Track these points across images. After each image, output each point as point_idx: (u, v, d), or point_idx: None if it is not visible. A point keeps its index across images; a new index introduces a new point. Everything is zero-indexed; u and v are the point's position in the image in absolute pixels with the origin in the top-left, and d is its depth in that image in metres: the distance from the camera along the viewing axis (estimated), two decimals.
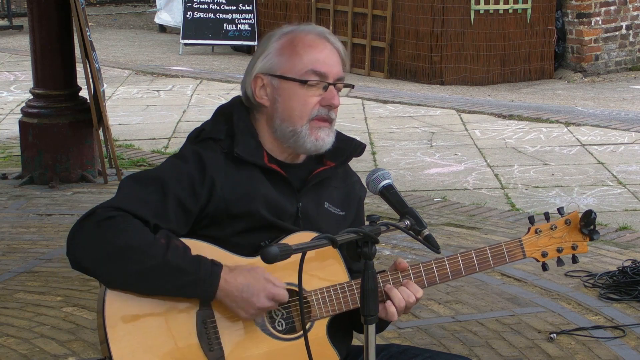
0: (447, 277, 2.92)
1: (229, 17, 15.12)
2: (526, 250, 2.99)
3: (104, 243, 2.68)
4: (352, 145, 3.01)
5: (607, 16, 13.53)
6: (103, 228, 2.69)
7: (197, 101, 11.43)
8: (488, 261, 2.94)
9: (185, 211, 2.77)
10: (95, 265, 2.71)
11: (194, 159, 2.82)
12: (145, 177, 2.82)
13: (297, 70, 2.85)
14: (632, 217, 7.03)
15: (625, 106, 11.38)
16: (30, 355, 4.73)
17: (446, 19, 12.88)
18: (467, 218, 6.97)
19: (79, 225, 2.73)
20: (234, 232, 2.81)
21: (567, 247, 3.02)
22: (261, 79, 2.89)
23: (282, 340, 2.81)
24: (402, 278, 2.87)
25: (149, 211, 2.73)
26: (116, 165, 8.00)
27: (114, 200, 2.76)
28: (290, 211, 2.88)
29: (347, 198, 3.02)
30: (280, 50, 2.88)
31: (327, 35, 2.91)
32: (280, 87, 2.87)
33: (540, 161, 8.64)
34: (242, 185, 2.82)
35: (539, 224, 3.01)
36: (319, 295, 2.83)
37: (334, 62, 2.88)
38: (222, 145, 2.86)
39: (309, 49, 2.86)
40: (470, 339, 4.91)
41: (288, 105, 2.86)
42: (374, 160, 8.73)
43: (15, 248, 6.32)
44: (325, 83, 2.86)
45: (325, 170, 2.95)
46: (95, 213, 2.73)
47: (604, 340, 4.88)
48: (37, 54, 7.80)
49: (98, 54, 8.60)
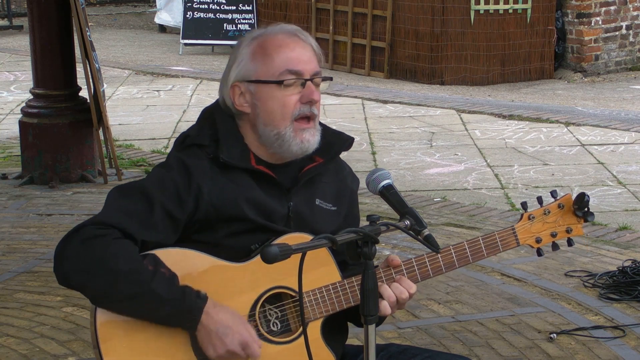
0: (440, 271, 2.91)
1: (229, 17, 15.13)
2: (519, 237, 2.98)
3: (91, 263, 2.67)
4: (341, 140, 2.99)
5: (607, 16, 13.53)
6: (91, 248, 2.67)
7: (197, 101, 11.42)
8: (481, 251, 2.93)
9: (172, 220, 2.76)
10: (82, 284, 2.69)
11: (179, 167, 2.81)
12: (131, 189, 2.81)
13: (271, 73, 2.84)
14: (632, 217, 7.04)
15: (625, 106, 11.38)
16: (30, 355, 4.73)
17: (446, 19, 12.88)
18: (467, 218, 6.97)
19: (67, 242, 2.71)
20: (225, 235, 2.80)
21: (562, 231, 3.00)
22: (238, 87, 2.89)
23: (277, 344, 2.80)
24: (395, 274, 2.87)
25: (136, 224, 2.72)
26: (116, 165, 8.01)
27: (101, 215, 2.75)
28: (280, 212, 2.87)
29: (338, 192, 3.01)
30: (252, 55, 2.87)
31: (297, 32, 2.90)
32: (257, 92, 2.86)
33: (540, 161, 8.64)
34: (229, 190, 2.81)
35: (532, 210, 2.99)
36: (312, 296, 2.82)
37: (307, 58, 2.87)
38: (207, 151, 2.85)
39: (280, 49, 2.85)
40: (470, 339, 4.91)
41: (268, 108, 2.85)
42: (374, 160, 8.73)
43: (15, 248, 6.32)
44: (302, 80, 2.85)
45: (315, 167, 2.94)
46: (83, 230, 2.71)
47: (604, 340, 4.88)
48: (37, 54, 7.80)
49: (98, 54, 8.60)
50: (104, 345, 2.68)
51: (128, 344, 2.70)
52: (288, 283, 2.80)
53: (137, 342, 2.71)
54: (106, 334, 2.69)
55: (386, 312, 2.81)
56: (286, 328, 2.83)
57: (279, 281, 2.80)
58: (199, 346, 2.73)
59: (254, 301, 2.79)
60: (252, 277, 2.79)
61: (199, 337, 2.71)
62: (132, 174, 8.12)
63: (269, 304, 2.82)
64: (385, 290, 2.81)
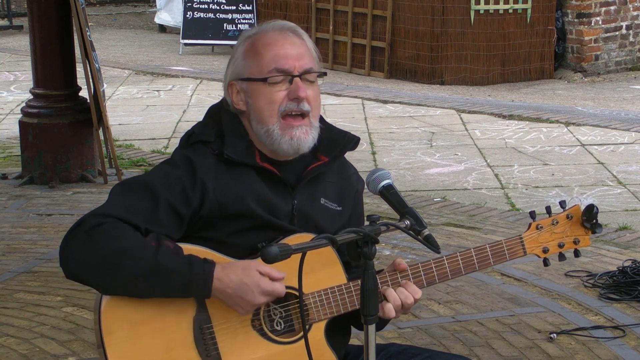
0: (446, 277, 2.90)
1: (229, 17, 15.12)
2: (527, 247, 2.96)
3: (95, 250, 2.67)
4: (346, 139, 2.99)
5: (607, 16, 13.53)
6: (93, 236, 2.68)
7: (197, 101, 11.42)
8: (488, 259, 2.92)
9: (177, 216, 2.76)
10: (89, 273, 2.69)
11: (184, 163, 2.82)
12: (134, 184, 2.81)
13: (260, 71, 2.85)
14: (632, 217, 7.03)
15: (625, 106, 11.38)
16: (30, 355, 4.73)
17: (446, 19, 12.88)
18: (467, 218, 6.97)
19: (70, 235, 2.72)
20: (230, 232, 2.81)
21: (569, 242, 2.98)
22: (234, 86, 2.91)
23: (280, 344, 2.80)
24: (401, 279, 2.87)
25: (140, 217, 2.73)
26: (116, 165, 8.01)
27: (102, 207, 2.75)
28: (285, 209, 2.87)
29: (343, 192, 3.01)
30: (244, 53, 2.89)
31: (290, 29, 2.91)
32: (249, 90, 2.88)
33: (540, 161, 8.64)
34: (234, 186, 2.81)
35: (540, 220, 2.97)
36: (317, 298, 2.82)
37: (296, 55, 2.86)
38: (212, 147, 2.85)
39: (269, 46, 2.86)
40: (470, 339, 4.91)
41: (257, 105, 2.86)
42: (374, 160, 8.73)
43: (15, 248, 6.32)
44: (289, 77, 2.85)
45: (319, 165, 2.93)
46: (84, 222, 2.71)
47: (604, 340, 4.88)
48: (37, 54, 7.80)
49: (98, 54, 8.60)
50: (107, 337, 2.68)
51: (131, 336, 2.70)
52: (293, 283, 2.80)
53: (140, 336, 2.71)
54: (110, 327, 2.69)
55: (390, 315, 2.82)
56: (290, 328, 2.83)
57: (285, 281, 2.79)
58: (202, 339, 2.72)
59: None
60: None
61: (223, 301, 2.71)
62: (132, 174, 8.12)
63: (274, 303, 2.82)
64: (391, 294, 2.81)
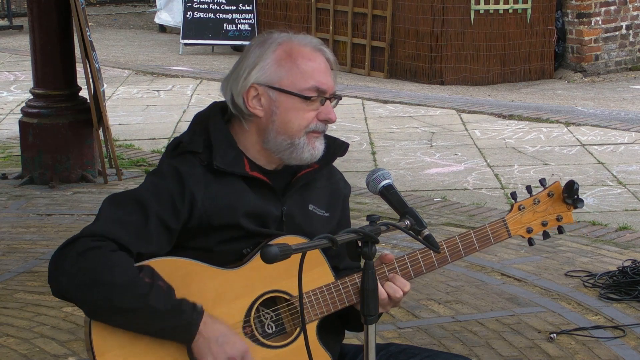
0: (433, 266, 2.90)
1: (229, 17, 15.13)
2: (511, 229, 2.96)
3: (87, 276, 2.64)
4: (336, 145, 2.98)
5: (607, 16, 13.54)
6: (87, 260, 2.64)
7: (197, 101, 11.43)
8: (473, 245, 2.92)
9: (167, 229, 2.74)
10: (78, 297, 2.67)
11: (173, 175, 2.78)
12: (125, 198, 2.77)
13: (298, 85, 2.81)
14: (632, 217, 7.04)
15: (625, 106, 11.38)
16: (30, 355, 4.73)
17: (446, 19, 12.88)
18: (467, 218, 6.97)
19: (62, 254, 2.68)
20: (218, 241, 2.79)
21: (552, 219, 2.98)
22: (256, 89, 2.83)
23: (273, 349, 2.80)
24: (388, 272, 2.86)
25: (131, 235, 2.69)
26: (116, 165, 8.01)
27: (95, 226, 2.71)
28: (274, 215, 2.86)
29: (331, 198, 3.00)
30: (278, 61, 2.83)
31: (322, 47, 2.88)
32: (278, 100, 2.82)
33: (540, 161, 8.64)
34: (223, 197, 2.79)
35: (522, 200, 2.97)
36: (306, 298, 2.81)
37: (330, 77, 2.86)
38: (201, 158, 2.82)
39: (309, 63, 2.83)
40: (470, 339, 4.91)
41: (286, 118, 2.83)
42: (374, 160, 8.72)
43: (15, 248, 6.32)
44: (323, 98, 2.84)
45: (310, 172, 2.92)
46: (78, 241, 2.68)
47: (604, 340, 4.88)
48: (37, 54, 7.80)
49: (98, 54, 8.60)
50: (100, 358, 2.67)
51: (123, 357, 2.69)
52: (282, 286, 2.80)
53: (132, 356, 2.69)
54: (102, 347, 2.68)
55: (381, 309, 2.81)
56: (281, 331, 2.83)
57: (273, 285, 2.79)
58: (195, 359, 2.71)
59: (249, 306, 2.78)
60: (246, 283, 2.78)
61: (197, 348, 2.69)
62: (132, 174, 8.13)
63: (264, 307, 2.81)
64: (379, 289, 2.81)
